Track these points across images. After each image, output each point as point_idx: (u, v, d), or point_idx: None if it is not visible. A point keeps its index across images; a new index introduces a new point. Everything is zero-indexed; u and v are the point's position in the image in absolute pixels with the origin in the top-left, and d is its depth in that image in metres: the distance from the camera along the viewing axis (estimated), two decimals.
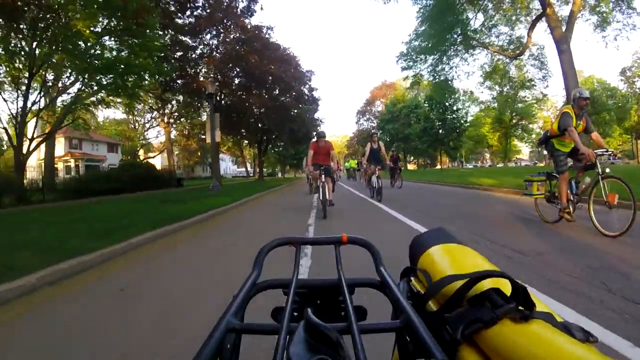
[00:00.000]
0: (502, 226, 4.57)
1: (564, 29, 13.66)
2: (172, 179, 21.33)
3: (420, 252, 0.53)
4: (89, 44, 10.58)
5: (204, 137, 26.96)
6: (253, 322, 0.36)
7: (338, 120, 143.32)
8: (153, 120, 32.90)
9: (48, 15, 9.70)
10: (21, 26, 9.67)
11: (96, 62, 10.95)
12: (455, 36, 17.64)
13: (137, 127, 37.59)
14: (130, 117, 32.99)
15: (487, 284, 0.38)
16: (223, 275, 2.89)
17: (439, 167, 46.41)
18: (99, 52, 11.27)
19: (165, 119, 27.09)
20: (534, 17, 15.70)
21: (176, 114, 24.92)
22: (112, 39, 11.61)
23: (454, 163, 52.21)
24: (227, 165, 57.37)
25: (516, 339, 0.32)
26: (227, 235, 4.90)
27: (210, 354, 0.29)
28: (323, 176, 6.49)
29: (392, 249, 2.06)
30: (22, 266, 2.87)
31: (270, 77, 20.27)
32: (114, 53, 11.67)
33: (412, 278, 0.51)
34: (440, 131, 33.73)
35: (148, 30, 11.13)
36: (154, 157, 36.26)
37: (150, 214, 6.59)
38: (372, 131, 11.89)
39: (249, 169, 49.95)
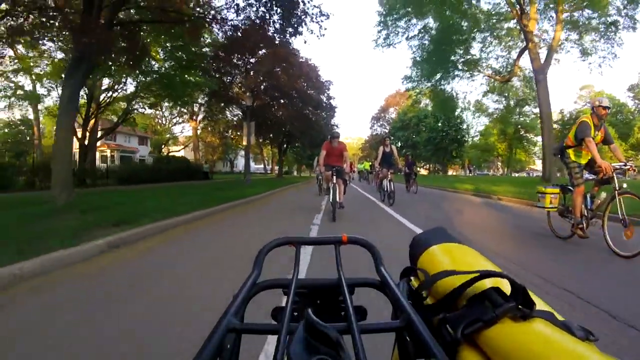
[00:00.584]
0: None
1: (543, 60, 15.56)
2: (200, 172, 23.08)
3: (420, 252, 0.50)
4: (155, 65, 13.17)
5: (227, 134, 29.69)
6: (253, 322, 0.35)
7: (353, 123, 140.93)
8: (179, 117, 33.47)
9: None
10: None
11: (164, 80, 13.34)
12: (449, 65, 19.44)
13: (164, 122, 38.27)
14: (159, 112, 33.56)
15: (487, 283, 0.36)
16: (265, 227, 5.21)
17: (451, 173, 47.43)
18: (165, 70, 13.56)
19: (194, 117, 28.33)
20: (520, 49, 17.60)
21: (203, 113, 26.27)
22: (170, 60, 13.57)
23: (465, 170, 51.58)
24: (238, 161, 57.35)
25: (516, 338, 0.30)
26: (266, 211, 7.42)
27: (211, 354, 0.29)
28: (334, 177, 6.08)
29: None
30: (162, 217, 5.14)
31: (295, 92, 21.81)
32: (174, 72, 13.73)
33: (412, 278, 0.48)
34: (444, 141, 35.08)
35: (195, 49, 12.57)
36: (178, 151, 37.02)
37: (213, 196, 8.96)
38: (385, 135, 11.39)
39: (267, 166, 51.35)
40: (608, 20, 15.69)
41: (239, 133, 23.29)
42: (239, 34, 10.88)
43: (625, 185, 3.43)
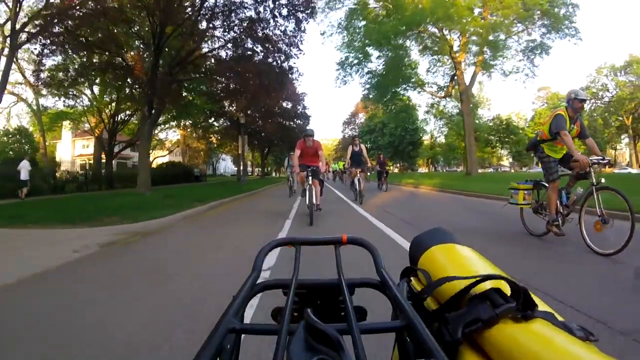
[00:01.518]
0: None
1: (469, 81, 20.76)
2: (191, 176, 26.57)
3: (420, 252, 0.48)
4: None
5: (211, 139, 32.21)
6: (253, 323, 0.35)
7: (328, 124, 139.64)
8: (167, 124, 32.09)
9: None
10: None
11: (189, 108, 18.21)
12: (398, 87, 23.03)
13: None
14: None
15: (487, 284, 0.35)
16: (265, 207, 7.78)
17: (422, 170, 50.50)
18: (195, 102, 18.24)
19: (184, 126, 29.64)
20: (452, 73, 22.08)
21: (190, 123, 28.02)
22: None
23: (429, 168, 53.86)
24: (227, 165, 59.18)
25: (517, 338, 0.29)
26: (265, 200, 10.21)
27: (210, 354, 0.27)
28: (310, 178, 5.34)
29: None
30: (205, 201, 8.29)
31: (277, 108, 24.95)
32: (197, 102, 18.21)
33: (412, 278, 0.46)
34: (402, 144, 38.48)
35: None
36: (164, 156, 36.00)
37: (223, 191, 11.66)
38: (354, 134, 10.88)
39: (248, 168, 51.23)
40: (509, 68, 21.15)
41: (219, 138, 27.93)
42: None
43: (603, 180, 3.10)
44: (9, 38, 12.58)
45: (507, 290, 0.33)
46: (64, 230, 4.68)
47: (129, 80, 12.95)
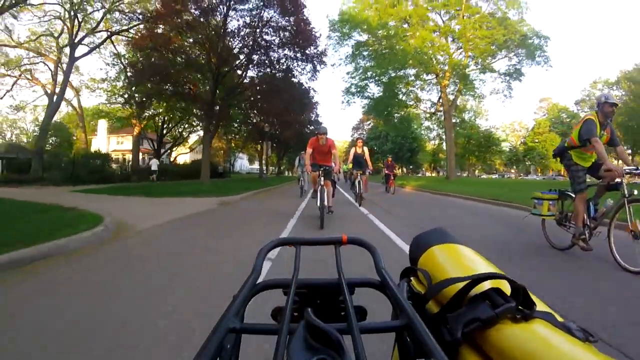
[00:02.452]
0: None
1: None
2: (217, 172, 30.04)
3: (420, 252, 0.48)
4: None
5: (231, 139, 36.39)
6: (253, 323, 0.33)
7: (339, 126, 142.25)
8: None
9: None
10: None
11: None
12: (394, 104, 26.24)
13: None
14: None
15: (487, 284, 0.34)
16: (288, 193, 11.96)
17: (427, 174, 55.84)
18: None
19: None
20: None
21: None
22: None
23: (435, 171, 57.65)
24: (243, 163, 62.09)
25: (516, 338, 0.29)
26: (287, 189, 15.19)
27: (211, 354, 0.27)
28: (322, 179, 5.00)
29: None
30: (248, 190, 11.94)
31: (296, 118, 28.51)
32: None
33: (412, 278, 0.46)
34: (401, 151, 42.49)
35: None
36: (186, 153, 39.03)
37: (253, 184, 15.67)
38: (357, 137, 10.77)
39: (263, 167, 54.72)
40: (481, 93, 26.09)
41: (242, 140, 32.76)
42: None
43: (636, 192, 2.85)
44: (68, 50, 17.57)
45: (507, 289, 0.33)
46: (192, 199, 8.55)
47: (192, 104, 18.67)
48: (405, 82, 24.43)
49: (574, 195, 3.28)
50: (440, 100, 24.24)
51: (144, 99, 17.99)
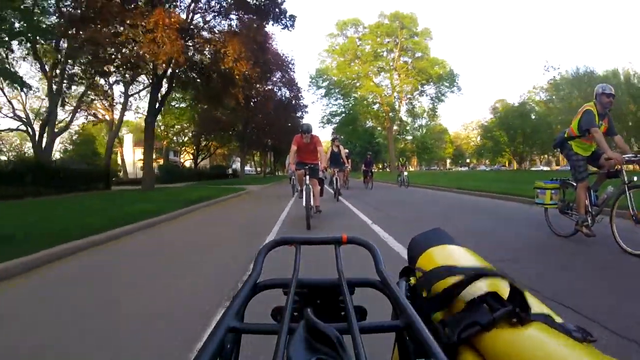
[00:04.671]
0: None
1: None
2: (224, 174, 37.06)
3: (418, 253, 0.48)
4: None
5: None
6: (253, 322, 0.33)
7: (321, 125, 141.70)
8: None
9: None
10: None
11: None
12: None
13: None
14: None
15: (484, 286, 0.34)
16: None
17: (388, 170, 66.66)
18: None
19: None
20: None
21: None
22: None
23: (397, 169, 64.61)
24: (238, 165, 61.46)
25: (514, 342, 0.28)
26: (284, 184, 18.08)
27: (210, 354, 0.26)
28: (307, 177, 4.77)
29: None
30: (260, 183, 20.29)
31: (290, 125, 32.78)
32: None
33: (411, 278, 0.46)
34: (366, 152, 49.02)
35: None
36: (191, 159, 42.35)
37: (260, 181, 24.08)
38: (334, 136, 10.94)
39: (257, 168, 61.39)
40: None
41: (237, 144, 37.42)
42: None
43: (635, 178, 2.92)
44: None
45: (504, 289, 0.33)
46: (254, 185, 16.90)
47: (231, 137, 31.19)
48: (364, 107, 38.04)
49: (575, 184, 3.34)
50: (385, 123, 37.79)
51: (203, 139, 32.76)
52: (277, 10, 13.82)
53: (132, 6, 10.77)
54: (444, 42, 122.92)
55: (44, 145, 15.17)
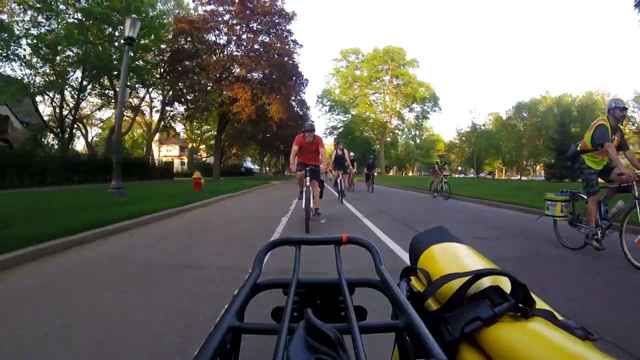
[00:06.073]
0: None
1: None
2: (239, 171, 41.25)
3: (420, 252, 0.47)
4: None
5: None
6: (253, 322, 0.33)
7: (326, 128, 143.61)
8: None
9: None
10: None
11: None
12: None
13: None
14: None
15: (486, 282, 0.34)
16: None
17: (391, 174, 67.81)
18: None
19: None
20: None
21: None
22: None
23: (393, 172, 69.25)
24: (246, 164, 66.20)
25: (516, 337, 0.28)
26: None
27: (211, 353, 0.26)
28: (308, 179, 4.60)
29: None
30: (278, 179, 28.30)
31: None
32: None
33: (412, 278, 0.45)
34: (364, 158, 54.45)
35: None
36: (207, 157, 46.01)
37: (274, 178, 30.97)
38: (338, 140, 11.09)
39: (266, 168, 65.44)
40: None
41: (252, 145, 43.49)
42: None
43: None
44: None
45: (506, 286, 0.32)
46: (275, 181, 23.58)
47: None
48: (360, 122, 45.82)
49: (586, 197, 3.32)
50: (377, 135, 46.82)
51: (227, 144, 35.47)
52: (301, 77, 24.98)
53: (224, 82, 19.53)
54: (440, 50, 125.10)
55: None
